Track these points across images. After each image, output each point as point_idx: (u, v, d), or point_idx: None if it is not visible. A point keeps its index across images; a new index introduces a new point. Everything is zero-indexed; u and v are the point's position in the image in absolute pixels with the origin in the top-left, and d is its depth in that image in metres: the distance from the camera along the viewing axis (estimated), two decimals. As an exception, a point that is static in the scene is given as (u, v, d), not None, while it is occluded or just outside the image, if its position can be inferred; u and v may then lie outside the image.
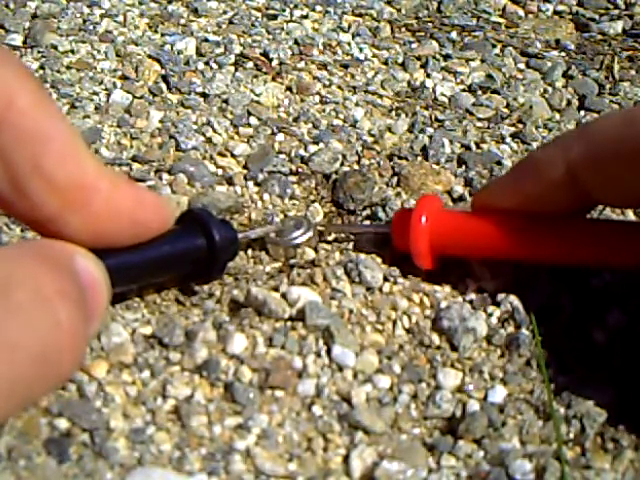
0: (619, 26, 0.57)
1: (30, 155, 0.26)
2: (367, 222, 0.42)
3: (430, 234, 0.36)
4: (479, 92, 0.51)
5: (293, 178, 0.44)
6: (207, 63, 0.52)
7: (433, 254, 0.37)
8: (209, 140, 0.46)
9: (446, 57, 0.54)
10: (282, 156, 0.46)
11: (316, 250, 0.40)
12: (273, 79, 0.51)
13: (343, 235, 0.40)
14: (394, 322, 0.36)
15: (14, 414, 0.30)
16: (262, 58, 0.53)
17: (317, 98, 0.50)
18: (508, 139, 0.48)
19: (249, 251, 0.40)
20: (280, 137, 0.47)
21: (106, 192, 0.28)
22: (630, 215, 0.42)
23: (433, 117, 0.49)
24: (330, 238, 0.40)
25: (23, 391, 0.23)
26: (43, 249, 0.26)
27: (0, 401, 0.22)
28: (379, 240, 0.39)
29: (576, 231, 0.35)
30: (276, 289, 0.37)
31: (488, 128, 0.49)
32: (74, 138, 0.27)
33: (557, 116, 0.50)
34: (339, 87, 0.51)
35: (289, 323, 0.35)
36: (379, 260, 0.38)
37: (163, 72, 0.51)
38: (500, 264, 0.37)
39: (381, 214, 0.42)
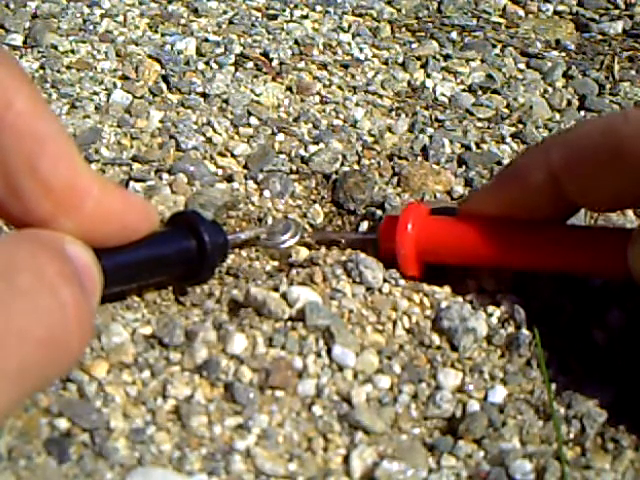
0: (619, 26, 0.57)
1: (26, 156, 0.26)
2: (365, 225, 0.42)
3: (416, 241, 0.36)
4: (479, 92, 0.51)
5: (293, 178, 0.44)
6: (207, 63, 0.52)
7: (419, 262, 0.37)
8: (209, 140, 0.46)
9: (446, 57, 0.54)
10: (282, 156, 0.46)
11: (310, 249, 0.40)
12: (273, 79, 0.51)
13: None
14: (394, 322, 0.36)
15: (27, 398, 0.30)
16: (262, 58, 0.53)
17: (317, 98, 0.50)
18: (508, 139, 0.48)
19: (248, 250, 0.40)
20: (280, 137, 0.47)
21: (97, 195, 0.28)
22: (630, 214, 0.42)
23: (433, 117, 0.49)
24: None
25: (35, 376, 0.23)
26: (38, 236, 0.26)
27: (13, 389, 0.22)
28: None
29: (563, 239, 0.35)
30: (276, 289, 0.36)
31: (488, 128, 0.49)
32: (68, 142, 0.27)
33: (557, 116, 0.50)
34: (339, 87, 0.51)
35: (289, 323, 0.35)
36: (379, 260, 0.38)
37: (163, 72, 0.51)
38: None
39: (381, 214, 0.42)
